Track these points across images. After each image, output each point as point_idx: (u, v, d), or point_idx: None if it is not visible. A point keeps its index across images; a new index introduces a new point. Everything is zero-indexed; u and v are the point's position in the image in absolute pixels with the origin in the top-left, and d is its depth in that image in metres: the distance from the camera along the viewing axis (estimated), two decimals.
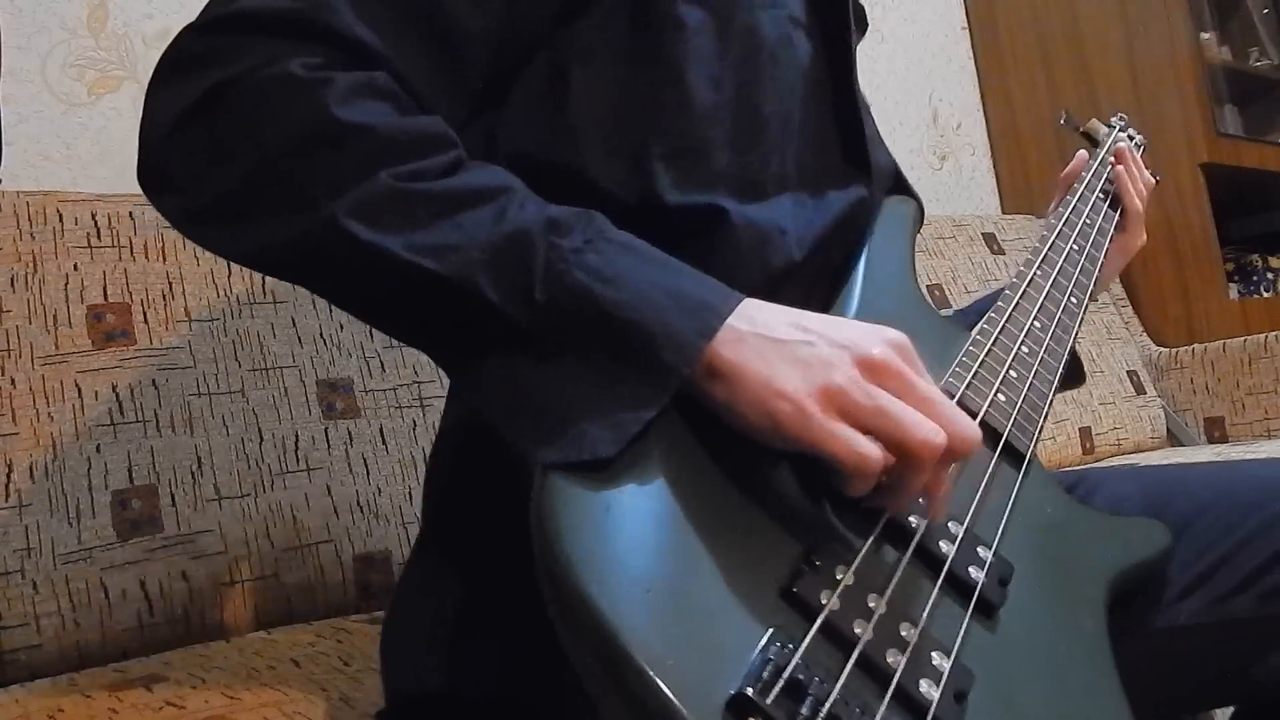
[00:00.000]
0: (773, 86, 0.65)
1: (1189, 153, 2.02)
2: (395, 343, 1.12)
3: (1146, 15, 2.13)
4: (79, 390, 0.93)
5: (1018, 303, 0.74)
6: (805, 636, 0.43)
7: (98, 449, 0.92)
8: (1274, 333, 1.81)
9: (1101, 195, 0.95)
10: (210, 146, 0.50)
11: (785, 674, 0.40)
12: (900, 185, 0.79)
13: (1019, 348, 0.69)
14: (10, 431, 0.89)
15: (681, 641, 0.40)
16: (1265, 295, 2.32)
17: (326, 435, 1.04)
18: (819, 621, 0.43)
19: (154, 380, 0.97)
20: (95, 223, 1.00)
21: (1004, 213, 2.31)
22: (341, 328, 1.09)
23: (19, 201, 0.97)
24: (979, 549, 0.53)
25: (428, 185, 0.49)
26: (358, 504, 1.03)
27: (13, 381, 0.91)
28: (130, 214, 1.02)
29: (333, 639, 0.85)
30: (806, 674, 0.41)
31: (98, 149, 1.28)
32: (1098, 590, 0.56)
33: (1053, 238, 0.85)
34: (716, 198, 0.60)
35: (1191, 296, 2.08)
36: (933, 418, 0.47)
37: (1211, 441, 1.87)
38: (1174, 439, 1.91)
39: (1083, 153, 1.00)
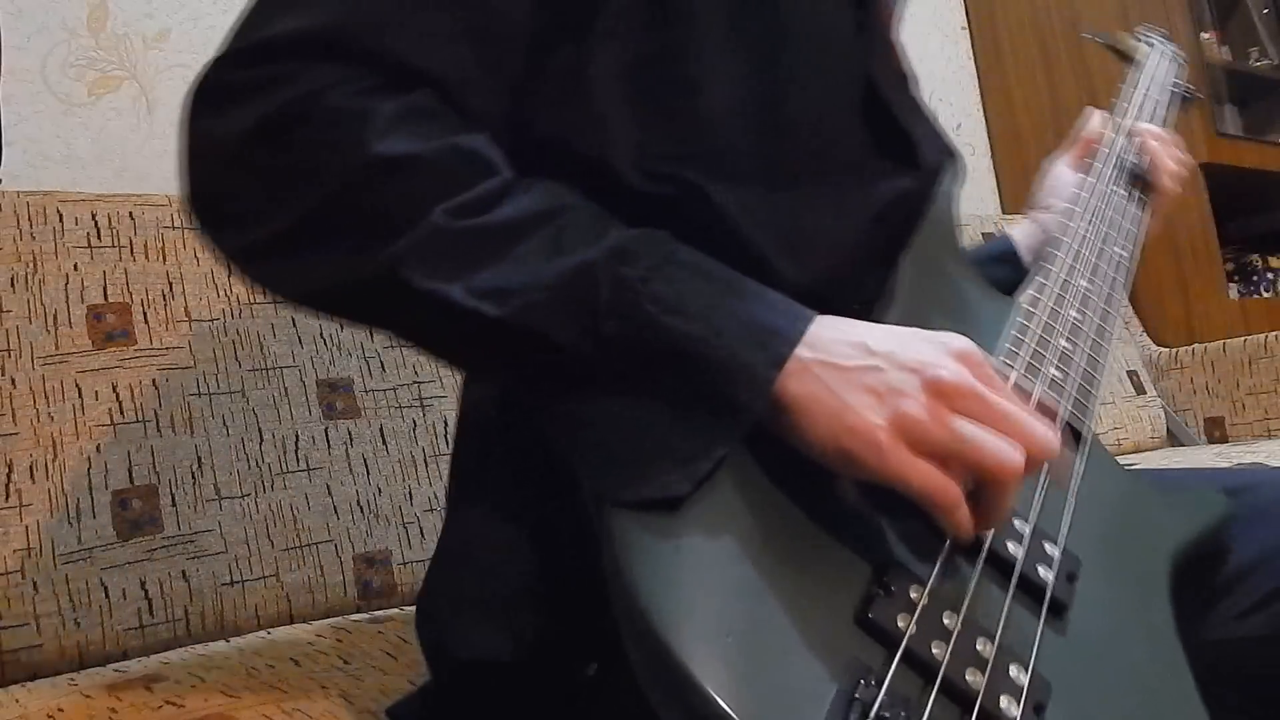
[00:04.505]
0: (798, 75, 0.61)
1: (1189, 153, 2.02)
2: (395, 342, 1.12)
3: (1146, 15, 2.12)
4: (79, 390, 0.93)
5: (1064, 261, 0.70)
6: (888, 670, 0.42)
7: (98, 449, 0.92)
8: (1274, 333, 1.81)
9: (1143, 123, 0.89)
10: (262, 186, 0.49)
11: (872, 713, 0.39)
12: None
13: (1071, 314, 0.66)
14: (10, 431, 0.89)
15: (765, 688, 0.39)
16: (1265, 295, 2.32)
17: (326, 435, 1.04)
18: (900, 651, 0.42)
19: (154, 380, 0.97)
20: (95, 223, 1.00)
21: (1004, 213, 2.31)
22: (341, 328, 1.09)
23: (19, 201, 0.97)
24: (1045, 545, 0.51)
25: (481, 221, 0.48)
26: (358, 504, 1.03)
27: (13, 381, 0.91)
28: (130, 214, 1.02)
29: (333, 639, 0.85)
30: (892, 711, 0.40)
31: (98, 149, 1.28)
32: (1161, 571, 0.54)
33: (1095, 181, 0.79)
34: (738, 197, 0.58)
35: (1191, 296, 2.08)
36: (1010, 433, 0.46)
37: (1211, 441, 1.87)
38: (1174, 439, 1.91)
39: (1096, 113, 0.91)
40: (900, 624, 0.43)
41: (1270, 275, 2.36)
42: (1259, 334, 1.84)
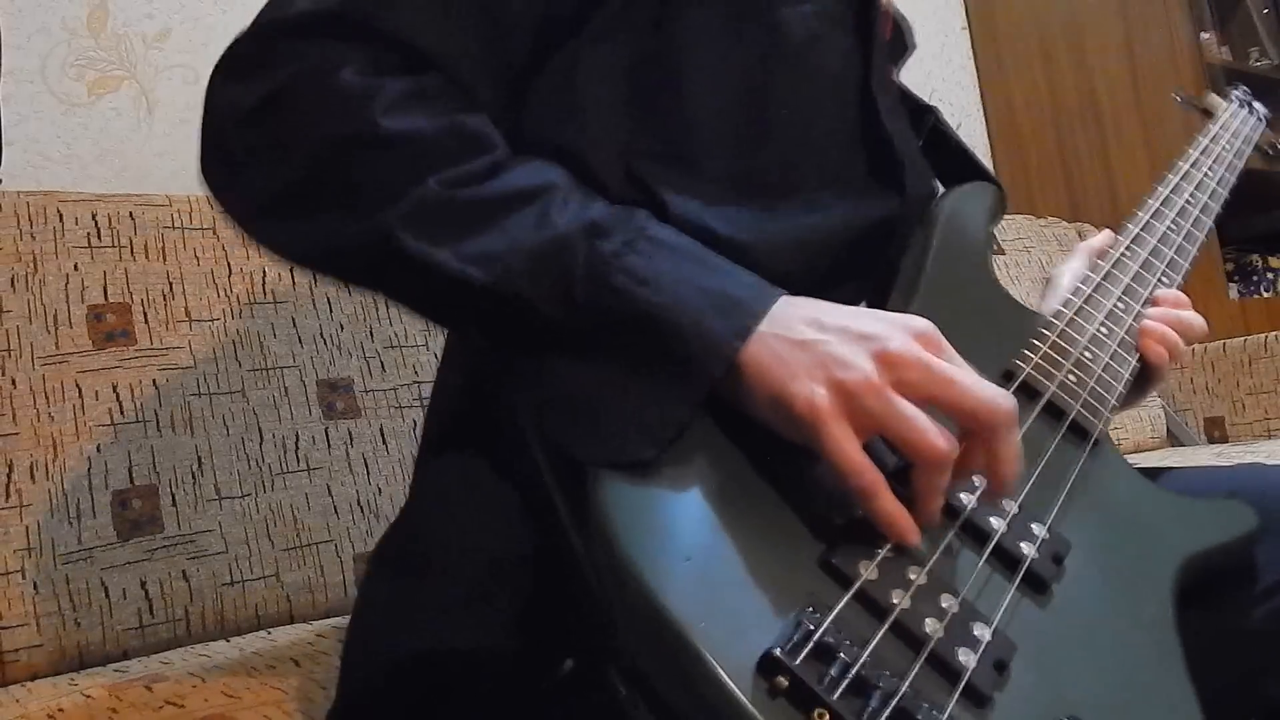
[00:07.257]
0: (789, 89, 0.63)
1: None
2: (395, 343, 1.12)
3: (1146, 15, 2.13)
4: (79, 390, 0.93)
5: (1100, 283, 0.73)
6: (839, 603, 0.43)
7: (98, 449, 0.92)
8: (1274, 333, 1.81)
9: (1210, 174, 0.92)
10: (271, 149, 0.52)
11: (815, 637, 0.41)
12: (979, 173, 0.78)
13: (1096, 329, 0.69)
14: (10, 431, 0.89)
15: (718, 605, 0.42)
16: (1265, 295, 2.32)
17: (326, 435, 1.04)
18: (853, 589, 0.44)
19: (154, 380, 0.97)
20: (95, 223, 1.00)
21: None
22: (341, 328, 1.09)
23: (19, 201, 0.97)
24: (1033, 525, 0.52)
25: (473, 191, 0.51)
26: (358, 504, 1.03)
27: (13, 381, 0.91)
28: (130, 214, 1.02)
29: (333, 639, 0.85)
30: (837, 638, 0.41)
31: (98, 149, 1.28)
32: (1166, 571, 0.55)
33: (1147, 217, 0.82)
34: (705, 205, 0.59)
35: (1191, 296, 2.06)
36: (955, 398, 0.47)
37: (1211, 441, 1.87)
38: (1174, 439, 1.91)
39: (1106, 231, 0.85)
40: (861, 569, 0.45)
41: (1270, 275, 2.36)
42: (1259, 334, 1.84)
